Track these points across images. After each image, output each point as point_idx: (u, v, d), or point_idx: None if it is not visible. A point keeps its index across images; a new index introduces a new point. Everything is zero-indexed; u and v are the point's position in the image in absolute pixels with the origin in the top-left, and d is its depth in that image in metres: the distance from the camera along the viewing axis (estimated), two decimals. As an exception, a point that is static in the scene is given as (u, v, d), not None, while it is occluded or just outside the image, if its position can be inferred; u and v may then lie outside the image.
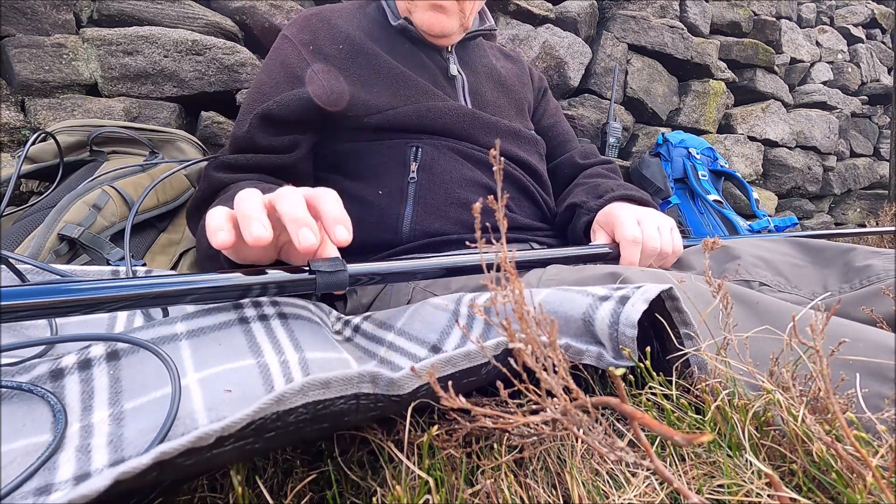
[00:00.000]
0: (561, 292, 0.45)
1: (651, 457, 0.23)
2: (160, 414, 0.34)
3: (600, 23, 1.97)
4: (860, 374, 0.38)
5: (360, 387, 0.31)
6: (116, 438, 0.32)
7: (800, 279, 0.62)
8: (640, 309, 0.40)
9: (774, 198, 2.51)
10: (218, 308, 0.45)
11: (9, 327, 0.44)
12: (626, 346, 0.40)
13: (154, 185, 0.87)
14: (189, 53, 1.20)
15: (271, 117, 0.76)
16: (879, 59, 3.15)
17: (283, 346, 0.42)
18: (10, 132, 1.08)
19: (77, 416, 0.34)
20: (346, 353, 0.46)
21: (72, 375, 0.37)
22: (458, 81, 0.88)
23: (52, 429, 0.34)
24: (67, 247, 0.75)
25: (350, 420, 0.35)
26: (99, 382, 0.37)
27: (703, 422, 0.37)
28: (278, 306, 0.48)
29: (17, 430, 0.33)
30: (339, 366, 0.42)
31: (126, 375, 0.37)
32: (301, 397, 0.29)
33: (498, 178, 0.30)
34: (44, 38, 1.11)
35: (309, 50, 0.81)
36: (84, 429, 0.33)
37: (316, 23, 0.85)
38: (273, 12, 1.33)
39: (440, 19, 0.82)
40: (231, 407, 0.34)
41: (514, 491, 0.32)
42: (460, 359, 0.36)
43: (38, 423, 0.34)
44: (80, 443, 0.32)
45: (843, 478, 0.30)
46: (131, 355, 0.39)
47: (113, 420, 0.34)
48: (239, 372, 0.38)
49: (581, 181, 0.94)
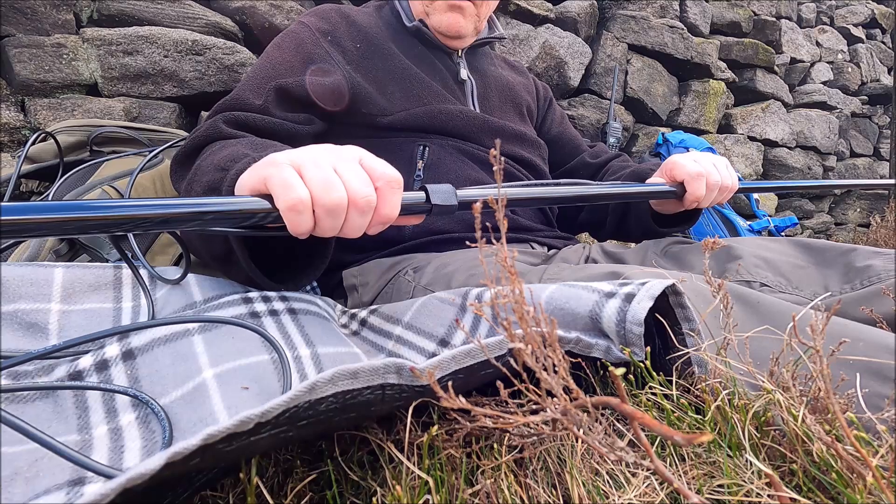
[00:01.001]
0: (567, 288, 0.46)
1: (651, 457, 0.23)
2: (186, 415, 0.35)
3: (600, 23, 1.97)
4: (861, 374, 0.38)
5: (386, 377, 0.32)
6: (150, 444, 0.33)
7: (801, 280, 0.62)
8: (645, 307, 0.40)
9: (774, 198, 2.51)
10: (229, 302, 0.46)
11: (10, 317, 0.44)
12: (633, 343, 0.41)
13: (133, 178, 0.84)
14: (189, 53, 1.20)
15: (290, 94, 0.75)
16: (879, 59, 3.15)
17: (295, 341, 0.43)
18: (10, 132, 1.08)
19: (103, 420, 0.35)
20: (355, 347, 0.46)
21: (90, 378, 0.38)
22: (467, 86, 0.90)
23: (79, 430, 0.34)
24: (67, 247, 0.75)
25: (376, 410, 0.35)
26: (118, 384, 0.37)
27: (704, 422, 0.37)
28: (287, 301, 0.49)
29: (46, 429, 0.34)
30: (350, 359, 0.43)
31: (144, 375, 0.38)
32: (331, 386, 0.29)
33: (498, 178, 0.30)
34: (44, 38, 1.11)
35: (327, 40, 0.82)
36: (113, 431, 0.34)
37: (335, 17, 0.85)
38: (273, 12, 1.33)
39: (458, 19, 0.84)
40: (249, 404, 0.35)
41: (514, 491, 0.32)
42: (478, 350, 0.36)
43: (67, 423, 0.35)
44: (111, 444, 0.33)
45: (843, 478, 0.30)
46: (147, 353, 0.39)
47: (141, 423, 0.35)
48: (254, 368, 0.38)
49: (611, 176, 0.98)
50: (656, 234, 0.88)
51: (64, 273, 0.49)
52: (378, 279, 0.75)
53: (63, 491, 0.29)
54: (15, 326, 0.44)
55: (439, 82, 0.86)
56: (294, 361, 0.41)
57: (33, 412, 0.36)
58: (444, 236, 0.78)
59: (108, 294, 0.50)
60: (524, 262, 0.72)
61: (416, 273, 0.71)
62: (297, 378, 0.40)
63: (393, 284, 0.73)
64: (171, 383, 0.37)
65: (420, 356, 0.47)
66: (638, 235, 0.93)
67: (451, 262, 0.69)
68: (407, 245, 0.78)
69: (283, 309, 0.48)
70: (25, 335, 0.44)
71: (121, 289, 0.51)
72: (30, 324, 0.45)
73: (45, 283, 0.48)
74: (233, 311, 0.45)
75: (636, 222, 0.90)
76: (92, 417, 0.35)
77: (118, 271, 0.53)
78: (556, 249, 0.86)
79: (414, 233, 0.78)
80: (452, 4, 0.84)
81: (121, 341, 0.41)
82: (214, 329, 0.42)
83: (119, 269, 0.53)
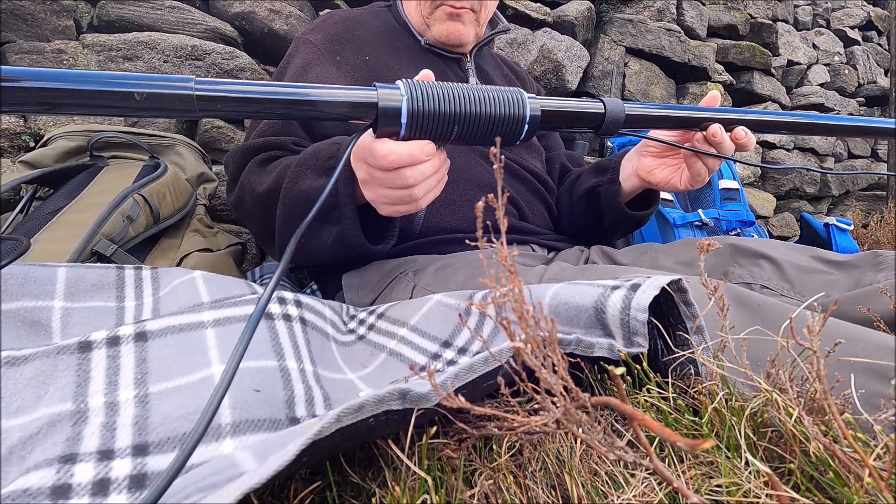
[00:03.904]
0: (572, 286, 0.46)
1: (651, 457, 0.23)
2: (186, 402, 0.35)
3: (598, 26, 1.98)
4: (860, 374, 0.39)
5: (390, 404, 0.32)
6: (142, 421, 0.33)
7: (804, 285, 0.62)
8: (650, 294, 0.41)
9: (773, 199, 2.51)
10: (245, 301, 0.46)
11: (13, 315, 0.44)
12: (637, 332, 0.41)
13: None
14: (189, 59, 1.20)
15: (310, 125, 0.79)
16: (876, 61, 3.16)
17: (303, 354, 0.44)
18: (10, 137, 1.09)
19: (101, 391, 0.35)
20: (349, 374, 0.47)
21: (99, 350, 0.38)
22: None
23: (74, 398, 0.34)
24: (97, 260, 0.77)
25: (377, 434, 0.36)
26: (126, 360, 0.37)
27: (700, 424, 0.37)
28: (301, 309, 0.50)
29: (40, 398, 0.34)
30: (345, 387, 0.44)
31: (152, 358, 0.38)
32: (337, 424, 0.29)
33: (498, 177, 0.30)
34: (44, 44, 1.11)
35: (335, 60, 0.83)
36: (109, 405, 0.34)
37: (341, 31, 0.86)
38: (272, 17, 1.33)
39: (458, 28, 0.85)
40: (255, 409, 0.35)
41: (514, 492, 0.32)
42: (480, 364, 0.36)
43: (62, 391, 0.35)
44: (105, 420, 0.33)
45: (840, 477, 0.30)
46: (159, 339, 0.40)
47: (138, 402, 0.34)
48: (261, 372, 0.39)
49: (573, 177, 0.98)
50: (628, 219, 0.88)
51: (67, 272, 0.50)
52: (378, 280, 0.75)
53: (53, 468, 0.29)
54: (18, 324, 0.44)
55: None
56: (300, 374, 0.41)
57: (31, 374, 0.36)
58: (455, 235, 0.79)
59: (111, 293, 0.51)
60: (524, 264, 0.72)
61: (416, 275, 0.71)
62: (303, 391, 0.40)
63: (393, 285, 0.73)
64: (177, 371, 0.37)
65: (422, 356, 0.48)
66: (611, 229, 0.91)
67: (452, 264, 0.69)
68: (416, 242, 0.78)
69: (296, 316, 0.48)
70: (28, 333, 0.44)
71: (123, 288, 0.52)
72: (33, 321, 0.45)
73: (49, 282, 0.48)
74: (248, 310, 0.45)
75: (608, 212, 0.88)
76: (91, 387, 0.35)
77: (121, 272, 0.53)
78: (556, 252, 0.86)
79: (424, 229, 0.78)
80: (451, 13, 0.84)
81: (137, 322, 0.41)
82: (228, 325, 0.42)
83: (121, 269, 0.54)
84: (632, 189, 0.85)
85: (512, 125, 0.54)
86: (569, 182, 0.98)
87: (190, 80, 0.42)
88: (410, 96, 0.49)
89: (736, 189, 1.62)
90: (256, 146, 0.76)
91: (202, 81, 0.42)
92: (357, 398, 0.31)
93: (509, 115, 0.53)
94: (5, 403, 0.33)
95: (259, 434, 0.35)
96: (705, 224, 1.48)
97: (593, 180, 0.89)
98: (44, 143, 0.95)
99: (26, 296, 0.46)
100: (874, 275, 0.59)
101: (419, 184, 0.54)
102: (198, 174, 1.08)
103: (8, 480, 0.29)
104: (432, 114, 0.50)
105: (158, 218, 0.89)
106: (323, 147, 0.65)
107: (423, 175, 0.53)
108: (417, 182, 0.54)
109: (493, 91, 0.53)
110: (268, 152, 0.75)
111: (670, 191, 0.81)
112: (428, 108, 0.50)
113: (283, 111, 0.47)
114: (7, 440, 0.31)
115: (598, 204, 0.88)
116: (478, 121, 0.52)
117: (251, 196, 0.73)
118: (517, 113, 0.54)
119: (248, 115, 0.51)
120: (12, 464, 0.30)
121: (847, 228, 1.68)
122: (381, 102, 0.49)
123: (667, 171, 0.79)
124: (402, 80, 0.51)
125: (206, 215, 1.05)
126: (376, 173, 0.54)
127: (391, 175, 0.53)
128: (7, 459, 0.30)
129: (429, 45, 0.88)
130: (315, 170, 0.64)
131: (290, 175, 0.66)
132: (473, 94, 0.52)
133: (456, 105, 0.51)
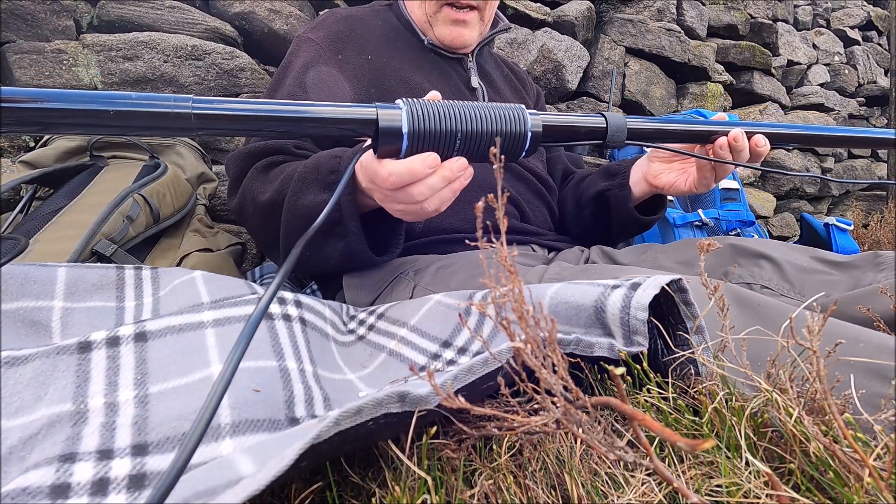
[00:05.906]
0: (572, 285, 0.46)
1: (651, 457, 0.23)
2: (185, 402, 0.35)
3: (598, 26, 1.97)
4: (860, 374, 0.39)
5: (389, 407, 0.32)
6: (141, 421, 0.33)
7: (804, 285, 0.62)
8: (651, 293, 0.41)
9: (773, 199, 2.51)
10: (245, 301, 0.46)
11: (13, 315, 0.44)
12: (637, 331, 0.41)
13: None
14: (189, 58, 1.20)
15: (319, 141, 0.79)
16: (876, 60, 3.16)
17: (302, 354, 0.43)
18: (10, 137, 1.09)
19: (101, 391, 0.35)
20: (349, 374, 0.47)
21: (99, 350, 0.38)
22: (479, 93, 0.91)
23: (74, 398, 0.34)
24: (97, 260, 0.77)
25: (377, 438, 0.36)
26: (125, 361, 0.38)
27: (700, 424, 0.37)
28: (301, 309, 0.49)
29: (39, 398, 0.34)
30: (345, 387, 0.44)
31: (152, 358, 0.38)
32: (335, 427, 0.29)
33: (498, 177, 0.30)
34: (44, 44, 1.11)
35: (338, 59, 0.82)
36: (109, 406, 0.34)
37: (343, 30, 0.86)
38: (272, 17, 1.33)
39: (461, 32, 0.85)
40: (255, 409, 0.35)
41: (514, 492, 0.32)
42: (479, 366, 0.36)
43: (62, 392, 0.35)
44: (104, 420, 0.33)
45: (840, 477, 0.30)
46: (159, 339, 0.40)
47: (138, 402, 0.34)
48: (261, 372, 0.39)
49: (579, 179, 0.99)
50: (637, 224, 0.89)
51: (67, 272, 0.50)
52: (379, 280, 0.75)
53: (52, 467, 0.29)
54: (18, 324, 0.44)
55: (452, 91, 0.87)
56: (300, 374, 0.41)
57: (30, 374, 0.36)
58: (457, 236, 0.79)
59: (111, 293, 0.51)
60: (524, 264, 0.72)
61: (416, 275, 0.71)
62: (302, 391, 0.40)
63: (393, 285, 0.73)
64: (177, 371, 0.37)
65: (422, 356, 0.48)
66: (618, 232, 0.92)
67: (452, 264, 0.69)
68: (417, 241, 0.78)
69: (296, 316, 0.48)
70: (28, 333, 0.44)
71: (123, 289, 0.52)
72: (33, 321, 0.45)
73: (49, 282, 0.48)
74: (248, 311, 0.45)
75: (616, 216, 0.89)
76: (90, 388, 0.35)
77: (121, 272, 0.53)
78: (556, 252, 0.86)
79: (427, 229, 0.78)
80: (456, 19, 0.84)
81: (137, 323, 0.41)
82: (228, 325, 0.42)
83: (122, 269, 0.54)
84: (641, 194, 0.86)
85: (513, 142, 0.54)
86: (573, 184, 0.98)
87: (188, 99, 0.42)
88: (411, 116, 0.49)
89: (736, 189, 1.62)
90: (258, 150, 0.75)
91: (200, 100, 0.42)
92: (356, 401, 0.31)
93: (511, 132, 0.53)
94: (5, 404, 0.33)
95: (259, 434, 0.35)
96: (705, 224, 1.48)
97: (602, 184, 0.90)
98: (44, 143, 0.95)
99: (26, 296, 0.46)
100: (874, 275, 0.59)
101: (427, 199, 0.53)
102: (198, 174, 1.08)
103: (7, 480, 0.29)
104: (433, 133, 0.50)
105: (158, 218, 0.89)
106: (324, 160, 0.65)
107: (431, 190, 0.52)
108: (426, 198, 0.53)
109: (494, 108, 0.53)
110: (269, 157, 0.75)
111: (674, 194, 0.81)
112: (428, 128, 0.50)
113: (283, 129, 0.47)
114: (7, 440, 0.31)
115: (607, 208, 0.89)
116: (479, 139, 0.52)
117: (253, 204, 0.72)
118: (518, 130, 0.54)
119: (247, 134, 0.51)
120: (12, 464, 0.30)
121: (847, 228, 1.68)
122: (382, 123, 0.48)
123: (672, 174, 0.80)
124: (403, 100, 0.50)
125: (206, 215, 1.05)
126: (384, 192, 0.54)
127: (398, 193, 0.53)
128: (7, 460, 0.30)
129: (431, 45, 0.88)
130: (317, 184, 0.64)
131: (292, 188, 0.66)
132: (474, 111, 0.52)
133: (457, 124, 0.51)
